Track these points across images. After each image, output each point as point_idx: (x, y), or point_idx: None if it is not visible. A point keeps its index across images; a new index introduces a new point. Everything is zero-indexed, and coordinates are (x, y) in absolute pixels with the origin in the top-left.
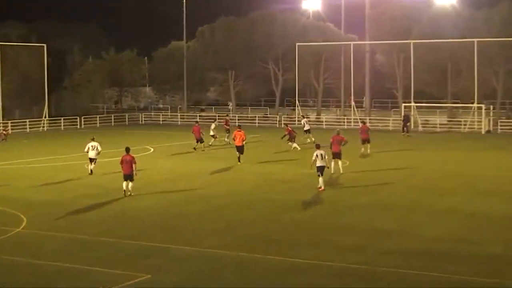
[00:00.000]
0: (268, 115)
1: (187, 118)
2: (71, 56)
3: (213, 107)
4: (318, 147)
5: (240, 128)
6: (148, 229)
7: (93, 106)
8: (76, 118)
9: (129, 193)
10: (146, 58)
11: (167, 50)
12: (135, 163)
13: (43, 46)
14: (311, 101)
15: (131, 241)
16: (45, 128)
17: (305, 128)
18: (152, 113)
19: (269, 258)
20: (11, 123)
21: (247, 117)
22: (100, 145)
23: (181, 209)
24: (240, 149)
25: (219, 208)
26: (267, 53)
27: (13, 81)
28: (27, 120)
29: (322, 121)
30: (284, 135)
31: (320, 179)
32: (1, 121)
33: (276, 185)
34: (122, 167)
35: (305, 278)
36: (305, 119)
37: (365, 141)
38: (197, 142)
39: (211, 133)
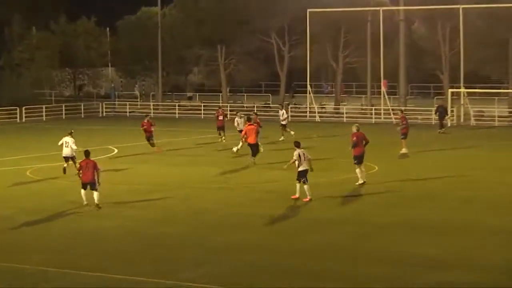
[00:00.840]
0: (270, 104)
1: (162, 109)
2: (9, 28)
3: (197, 94)
4: (298, 145)
5: (252, 120)
6: (111, 258)
7: (37, 93)
8: (15, 109)
9: (96, 205)
10: (108, 29)
11: (135, 19)
12: (98, 169)
13: None
14: (326, 87)
15: (88, 272)
16: None
17: (282, 121)
18: (116, 103)
19: None
20: None
21: (243, 107)
22: (75, 143)
23: (154, 231)
24: (254, 148)
25: (203, 228)
26: (269, 22)
27: None
28: None
29: (342, 113)
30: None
31: (305, 186)
32: None
33: (278, 198)
34: (79, 174)
35: None
36: (284, 111)
37: (405, 136)
38: (147, 140)
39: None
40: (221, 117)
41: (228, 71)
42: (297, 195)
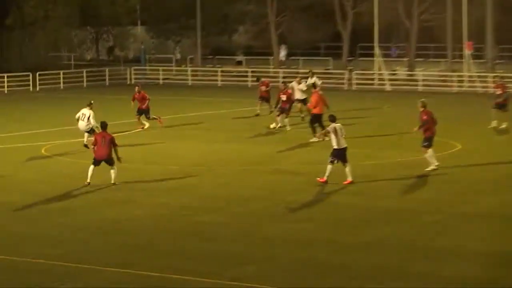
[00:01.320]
0: (331, 70)
1: (202, 76)
2: None
3: (245, 58)
4: (333, 119)
5: (316, 87)
6: (141, 252)
7: (53, 57)
8: (28, 76)
9: (112, 182)
10: None
11: None
12: (115, 145)
13: None
14: (394, 50)
15: (113, 268)
16: None
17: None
18: (147, 68)
19: None
20: None
21: (297, 73)
22: (94, 118)
23: (191, 221)
24: (319, 119)
25: (247, 218)
26: None
27: None
28: None
29: (417, 80)
30: (277, 104)
31: (346, 169)
32: None
33: (334, 183)
34: (94, 149)
35: None
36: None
37: (503, 106)
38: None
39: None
40: (264, 87)
41: (280, 30)
42: (325, 178)
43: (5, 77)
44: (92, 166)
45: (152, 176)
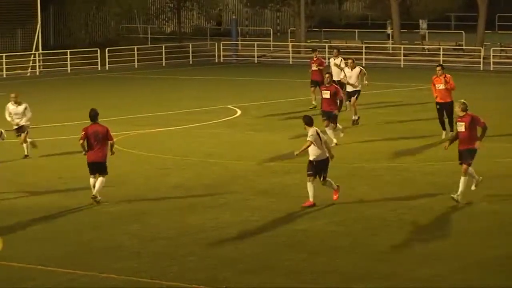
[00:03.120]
0: (463, 46)
1: (306, 52)
2: None
3: (356, 30)
4: (311, 122)
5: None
6: (230, 267)
7: (126, 30)
8: (96, 52)
9: (93, 197)
10: None
11: None
12: (111, 139)
13: None
14: None
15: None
16: (37, 71)
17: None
18: (240, 43)
19: None
20: None
21: (422, 50)
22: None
23: (293, 228)
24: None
25: (357, 224)
26: None
27: None
28: (3, 56)
29: None
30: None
31: (311, 183)
32: None
33: (438, 185)
34: (83, 146)
35: None
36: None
37: None
38: None
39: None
40: (315, 67)
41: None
42: (311, 201)
43: (68, 53)
44: (91, 178)
45: (243, 174)
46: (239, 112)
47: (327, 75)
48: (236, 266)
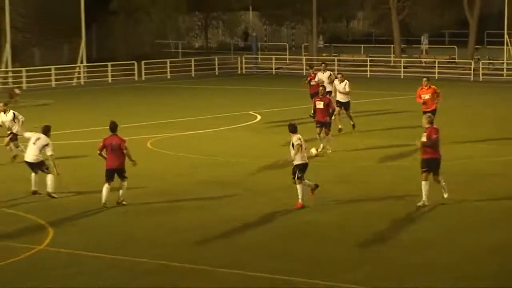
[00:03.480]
0: (456, 59)
1: (318, 65)
2: None
3: (362, 46)
4: (295, 129)
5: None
6: (250, 252)
7: (160, 45)
8: (133, 64)
9: (121, 200)
10: None
11: None
12: (126, 149)
13: None
14: None
15: (221, 269)
16: (82, 81)
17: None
18: (259, 56)
19: None
20: (26, 71)
21: (420, 62)
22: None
23: (300, 220)
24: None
25: (356, 218)
26: None
27: (29, 2)
28: (52, 68)
29: None
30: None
31: (301, 185)
32: (10, 69)
33: (465, 181)
34: (102, 154)
35: None
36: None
37: None
38: None
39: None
40: (314, 82)
41: (402, 16)
42: (300, 202)
43: (109, 65)
44: (105, 185)
45: (261, 171)
46: (259, 117)
47: (321, 88)
48: (256, 252)
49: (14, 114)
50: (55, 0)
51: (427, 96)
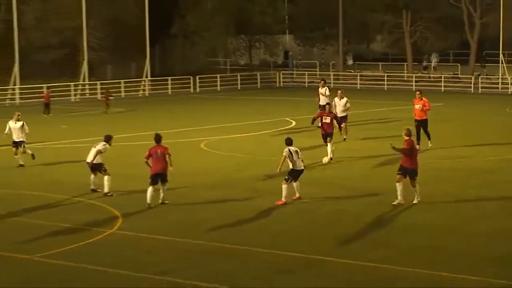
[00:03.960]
0: (459, 75)
1: (343, 79)
2: None
3: (380, 63)
4: (289, 142)
5: (420, 93)
6: (287, 236)
7: (211, 62)
8: (189, 79)
9: (161, 202)
10: None
11: None
12: (169, 155)
13: None
14: None
15: (265, 250)
16: (146, 92)
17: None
18: (294, 72)
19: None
20: (101, 84)
21: (428, 78)
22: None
23: (331, 209)
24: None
25: (382, 207)
26: None
27: (103, 26)
28: (122, 81)
29: None
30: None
31: (295, 184)
32: (87, 82)
33: (464, 175)
34: (148, 162)
35: None
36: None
37: None
38: None
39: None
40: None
41: (414, 39)
42: (283, 200)
43: (169, 80)
44: (150, 188)
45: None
46: (294, 123)
47: (327, 106)
48: (290, 235)
49: (23, 123)
50: (125, 25)
51: (418, 107)
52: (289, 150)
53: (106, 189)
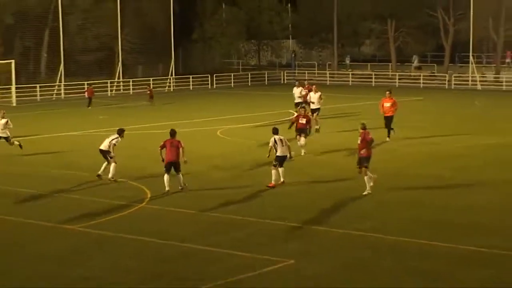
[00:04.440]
0: (436, 74)
1: (337, 77)
2: (201, 4)
3: (368, 64)
4: (275, 131)
5: (390, 93)
6: (289, 209)
7: (226, 63)
8: (207, 77)
9: (180, 187)
10: (289, 5)
11: None
12: (182, 147)
13: None
14: (485, 58)
15: (275, 221)
16: (171, 89)
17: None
18: (296, 71)
19: (432, 245)
20: (133, 81)
21: (409, 76)
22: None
23: (327, 187)
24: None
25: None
26: None
27: (134, 33)
28: (151, 79)
29: (502, 82)
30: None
31: (280, 169)
32: (121, 80)
33: (440, 160)
34: (161, 152)
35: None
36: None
37: None
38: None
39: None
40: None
41: (397, 43)
42: (273, 183)
43: (190, 77)
44: (166, 175)
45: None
46: (295, 113)
47: (303, 109)
48: (294, 209)
49: (7, 120)
50: (153, 32)
51: (388, 104)
52: (274, 139)
53: (110, 175)
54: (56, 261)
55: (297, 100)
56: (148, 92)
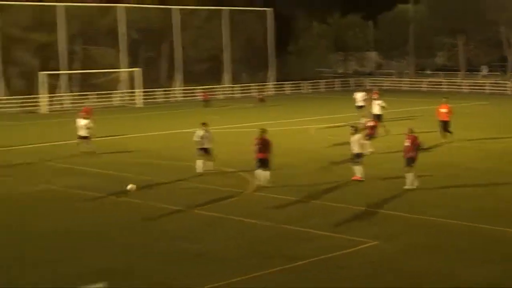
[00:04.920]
0: (499, 82)
1: (413, 84)
2: (295, 21)
3: (441, 72)
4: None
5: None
6: (374, 197)
7: (317, 71)
8: (301, 83)
9: (268, 184)
10: (371, 22)
11: (392, 14)
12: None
13: (270, 11)
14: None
15: (360, 207)
16: (271, 93)
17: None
18: (377, 78)
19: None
20: (240, 87)
21: (477, 83)
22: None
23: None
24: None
25: (444, 180)
26: (499, 16)
27: (239, 46)
28: (252, 85)
29: None
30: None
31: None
32: (230, 85)
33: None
34: (256, 149)
35: None
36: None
37: None
38: None
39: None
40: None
41: (466, 55)
42: (359, 176)
43: (286, 84)
44: (257, 170)
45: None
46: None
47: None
48: (375, 197)
49: (89, 121)
50: (255, 45)
51: (444, 110)
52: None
53: (211, 167)
54: (178, 238)
55: (359, 104)
56: (260, 96)
